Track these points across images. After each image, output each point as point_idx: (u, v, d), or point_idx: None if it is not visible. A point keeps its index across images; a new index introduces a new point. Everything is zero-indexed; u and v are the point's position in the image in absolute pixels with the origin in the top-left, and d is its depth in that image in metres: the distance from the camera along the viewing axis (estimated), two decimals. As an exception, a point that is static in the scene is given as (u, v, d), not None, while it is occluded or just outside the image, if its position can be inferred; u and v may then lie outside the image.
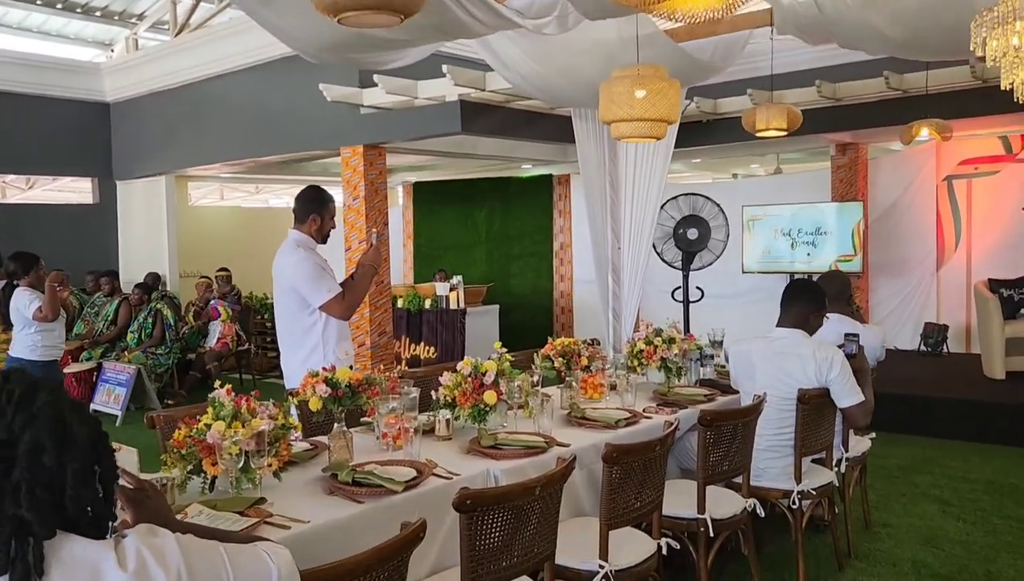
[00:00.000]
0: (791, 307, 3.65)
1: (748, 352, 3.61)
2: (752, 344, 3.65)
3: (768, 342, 3.60)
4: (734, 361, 3.72)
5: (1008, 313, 6.94)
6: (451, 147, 8.18)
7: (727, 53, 5.55)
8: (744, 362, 3.63)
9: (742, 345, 3.69)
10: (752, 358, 3.57)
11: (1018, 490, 4.95)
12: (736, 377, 3.75)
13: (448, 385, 3.27)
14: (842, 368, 3.45)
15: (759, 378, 3.52)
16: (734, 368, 3.74)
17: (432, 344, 8.61)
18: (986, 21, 3.36)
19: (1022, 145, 8.31)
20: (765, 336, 3.63)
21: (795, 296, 3.70)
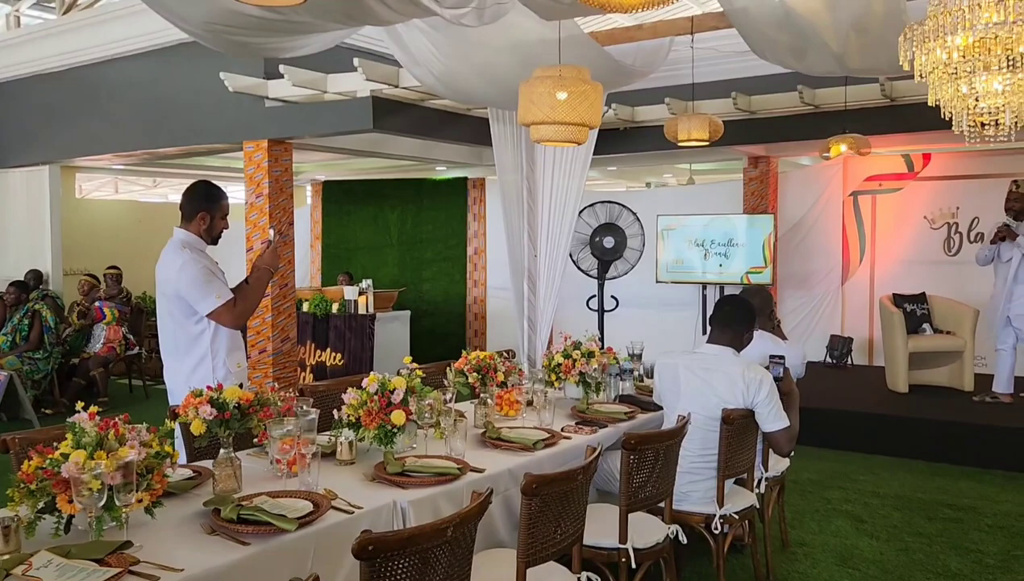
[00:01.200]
0: (728, 325, 3.50)
1: (675, 366, 3.46)
2: (680, 358, 3.49)
3: (696, 357, 3.46)
4: (660, 375, 3.55)
5: (911, 328, 7.08)
6: (363, 145, 7.84)
7: (650, 59, 5.43)
8: (670, 376, 3.47)
9: (669, 358, 3.54)
10: (679, 373, 3.42)
11: (926, 505, 4.98)
12: (661, 392, 3.58)
13: (352, 404, 2.98)
14: (770, 391, 3.32)
15: (684, 394, 3.37)
16: (660, 382, 3.57)
17: (339, 351, 8.23)
18: (915, 36, 3.31)
19: (923, 164, 8.55)
20: (693, 351, 3.49)
21: (731, 313, 3.56)
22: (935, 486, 5.38)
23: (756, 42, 4.25)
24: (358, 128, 6.42)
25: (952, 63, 3.26)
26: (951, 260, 8.27)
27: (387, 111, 6.38)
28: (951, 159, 8.42)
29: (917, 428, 6.16)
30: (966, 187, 8.26)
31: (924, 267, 8.33)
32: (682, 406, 3.30)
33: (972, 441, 5.91)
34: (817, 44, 4.04)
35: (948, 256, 8.33)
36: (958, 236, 8.31)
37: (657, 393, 3.64)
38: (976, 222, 8.15)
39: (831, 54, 4.18)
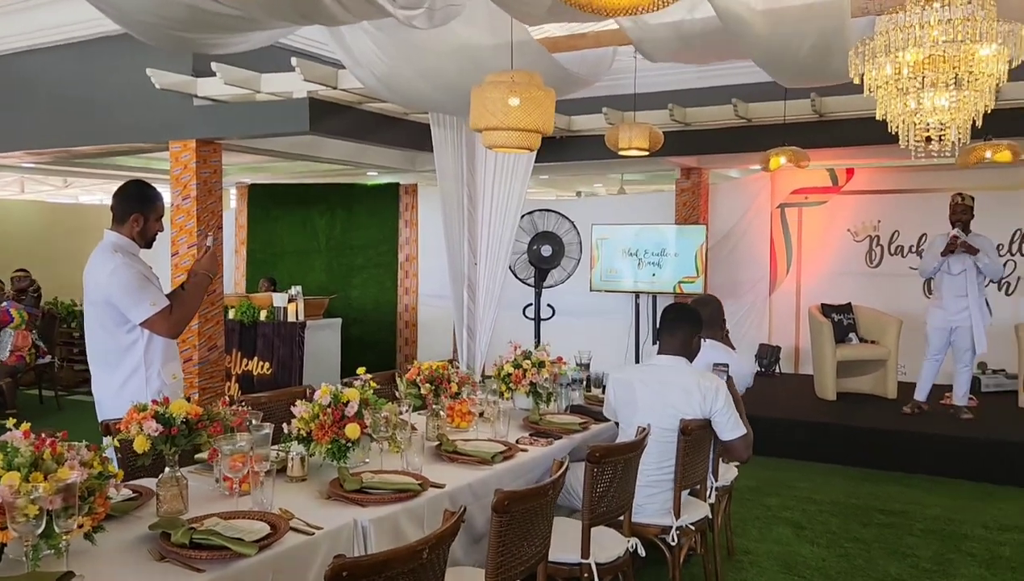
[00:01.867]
0: (676, 332, 3.48)
1: (630, 381, 3.41)
2: (634, 373, 3.47)
3: (651, 370, 3.43)
4: (615, 389, 3.49)
5: (838, 337, 7.29)
6: (294, 148, 7.61)
7: (595, 68, 5.43)
8: (626, 391, 3.43)
9: (624, 373, 3.50)
10: (635, 387, 3.37)
11: (860, 510, 5.10)
12: (616, 407, 3.51)
13: (303, 417, 2.83)
14: (727, 399, 3.33)
15: (641, 408, 3.34)
16: (615, 397, 3.50)
17: (267, 360, 7.96)
18: (864, 51, 3.37)
19: (847, 178, 8.84)
20: (647, 363, 3.45)
21: (679, 321, 3.53)
22: (866, 491, 5.52)
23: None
24: (294, 130, 6.21)
25: (901, 79, 3.33)
26: (873, 271, 8.56)
27: (324, 113, 6.19)
28: (873, 174, 8.72)
29: (847, 435, 6.32)
30: (887, 201, 8.56)
31: (848, 278, 8.59)
32: (639, 419, 3.26)
33: (898, 447, 6.10)
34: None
35: (870, 268, 8.61)
36: (879, 249, 8.60)
37: (611, 408, 3.56)
38: (896, 235, 8.46)
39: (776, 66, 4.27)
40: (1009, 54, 3.19)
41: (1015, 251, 7.99)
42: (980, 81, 3.25)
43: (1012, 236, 7.99)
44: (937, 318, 6.49)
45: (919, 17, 3.14)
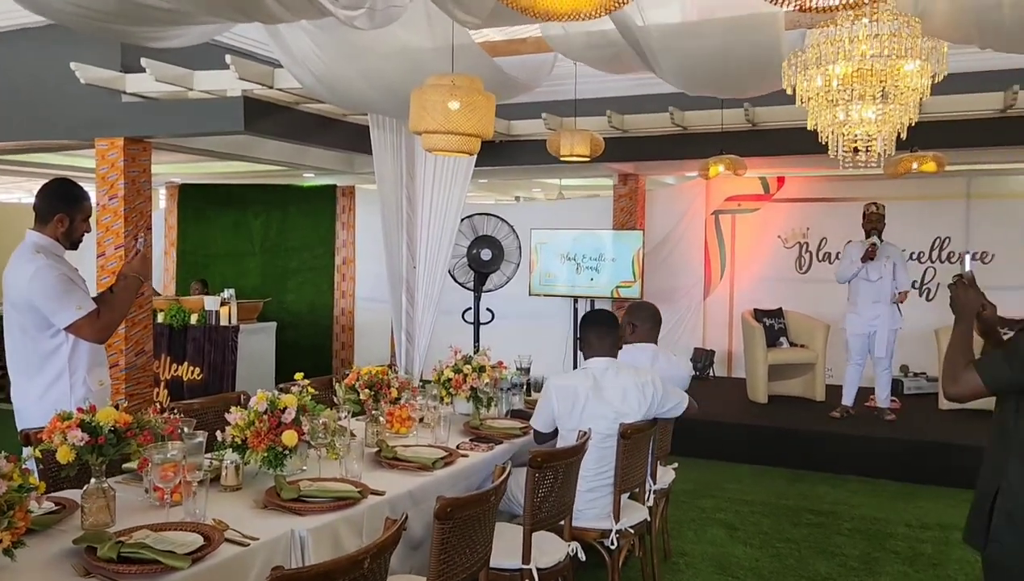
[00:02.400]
0: (606, 337, 3.51)
1: (573, 387, 3.37)
2: (574, 379, 3.43)
3: (589, 375, 3.41)
4: (559, 397, 3.39)
5: (770, 341, 7.46)
6: (229, 148, 7.43)
7: (535, 74, 5.45)
8: (569, 398, 3.36)
9: (563, 379, 3.45)
10: (578, 393, 3.35)
11: (791, 511, 5.22)
12: (559, 415, 3.41)
13: (238, 424, 2.76)
14: (663, 384, 3.45)
15: (585, 414, 3.32)
16: (558, 405, 3.39)
17: (197, 365, 7.75)
18: (796, 63, 3.46)
19: (778, 186, 9.07)
20: (586, 369, 3.44)
21: (604, 325, 3.55)
22: (797, 492, 5.66)
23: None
24: (228, 129, 6.07)
25: (831, 91, 3.43)
26: (803, 277, 8.80)
27: (259, 113, 6.07)
28: (803, 183, 8.97)
29: (778, 437, 6.48)
30: (816, 209, 8.82)
31: (778, 284, 8.82)
32: (583, 426, 3.26)
33: (827, 449, 6.28)
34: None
35: (800, 274, 8.85)
36: (808, 255, 8.85)
37: (554, 415, 3.43)
38: (824, 242, 8.71)
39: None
40: (932, 70, 3.32)
41: (935, 258, 8.31)
42: (905, 95, 3.37)
43: (932, 243, 8.31)
44: (855, 324, 6.70)
45: (849, 31, 3.24)
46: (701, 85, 4.96)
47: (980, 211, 8.15)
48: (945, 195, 8.21)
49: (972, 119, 6.36)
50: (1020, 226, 7.87)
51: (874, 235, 6.55)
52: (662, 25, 3.88)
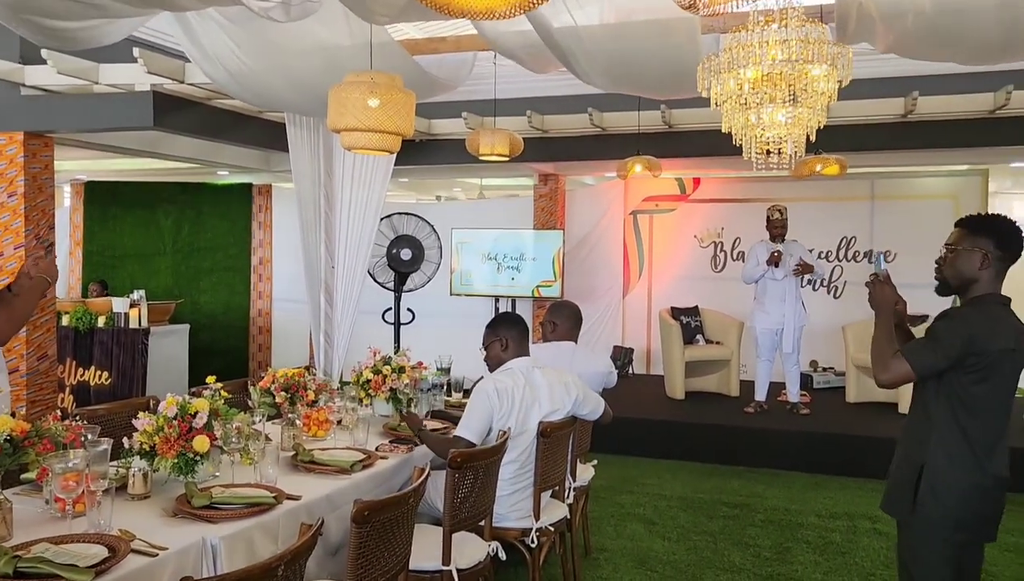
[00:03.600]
0: (522, 337, 3.50)
1: (511, 389, 3.29)
2: (510, 380, 3.35)
3: (522, 374, 3.39)
4: (500, 399, 3.27)
5: (687, 339, 7.63)
6: (138, 144, 7.17)
7: (455, 73, 5.43)
8: (508, 400, 3.28)
9: (502, 381, 3.33)
10: (514, 395, 3.29)
11: (707, 504, 5.35)
12: (497, 418, 3.27)
13: (147, 430, 2.65)
14: (582, 385, 3.49)
15: (525, 413, 3.30)
16: (499, 407, 3.27)
17: (105, 369, 7.44)
18: (711, 66, 3.55)
19: (694, 187, 9.28)
20: (509, 369, 3.41)
21: (517, 325, 3.52)
22: (712, 486, 5.80)
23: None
24: (136, 125, 5.85)
25: (743, 94, 3.53)
26: (718, 276, 9.03)
27: (170, 108, 5.87)
28: (718, 184, 9.20)
29: (695, 433, 6.63)
30: (730, 210, 9.06)
31: (695, 282, 9.03)
32: (520, 426, 3.26)
33: (741, 443, 6.45)
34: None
35: (715, 272, 9.08)
36: (723, 254, 9.09)
37: (490, 421, 3.28)
38: (738, 242, 8.96)
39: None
40: (839, 74, 3.45)
41: (842, 257, 8.65)
42: (813, 99, 3.50)
43: (839, 243, 8.65)
44: (763, 321, 6.91)
45: (760, 36, 3.33)
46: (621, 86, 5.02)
47: (883, 212, 8.52)
48: (851, 197, 8.55)
49: (875, 123, 6.65)
50: (921, 226, 8.25)
51: (778, 241, 6.77)
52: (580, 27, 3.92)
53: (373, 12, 3.35)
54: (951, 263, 2.58)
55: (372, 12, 3.37)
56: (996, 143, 6.53)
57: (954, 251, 2.56)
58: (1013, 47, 3.81)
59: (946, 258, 2.60)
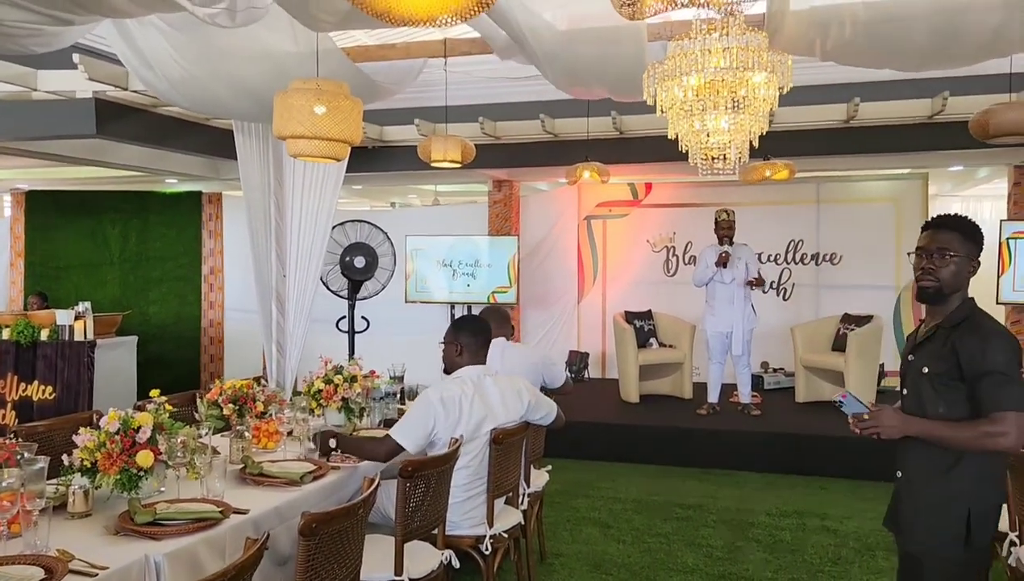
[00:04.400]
0: (480, 346, 3.47)
1: (458, 398, 3.26)
2: (457, 389, 3.30)
3: (471, 382, 3.36)
4: (446, 410, 3.22)
5: (640, 342, 7.70)
6: (80, 152, 7.01)
7: (401, 78, 5.42)
8: (455, 409, 3.23)
9: (449, 390, 3.29)
10: (463, 404, 3.25)
11: (661, 506, 5.40)
12: (440, 429, 3.22)
13: (88, 446, 2.59)
14: (534, 390, 3.49)
15: (474, 421, 3.26)
16: (444, 418, 3.21)
17: (49, 383, 7.24)
18: (656, 73, 3.59)
19: (646, 192, 9.38)
20: (459, 377, 3.39)
21: (477, 334, 3.49)
22: (666, 488, 5.86)
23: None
24: (78, 132, 5.73)
25: (687, 101, 3.58)
26: (670, 280, 9.13)
27: (113, 115, 5.76)
28: (669, 189, 9.31)
29: (649, 435, 6.69)
30: (681, 214, 9.17)
31: (648, 286, 9.12)
32: (466, 434, 3.23)
33: (694, 445, 6.53)
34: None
35: (667, 276, 9.19)
36: (675, 258, 9.20)
37: (429, 432, 3.21)
38: (690, 246, 9.07)
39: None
40: (779, 81, 3.52)
41: (791, 260, 8.82)
42: (755, 105, 3.56)
43: (788, 245, 8.81)
44: (713, 324, 7.01)
45: (702, 44, 3.39)
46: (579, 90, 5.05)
47: (829, 215, 8.70)
48: (798, 200, 8.72)
49: (819, 129, 6.80)
50: (865, 229, 8.46)
51: (726, 242, 6.87)
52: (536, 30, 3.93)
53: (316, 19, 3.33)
54: (953, 270, 2.34)
55: (315, 19, 3.35)
56: (934, 147, 6.72)
57: (954, 257, 2.34)
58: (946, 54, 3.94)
59: (942, 264, 2.35)
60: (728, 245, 6.86)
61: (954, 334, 2.31)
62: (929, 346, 2.39)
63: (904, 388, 2.48)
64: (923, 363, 2.38)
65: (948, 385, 2.30)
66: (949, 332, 2.33)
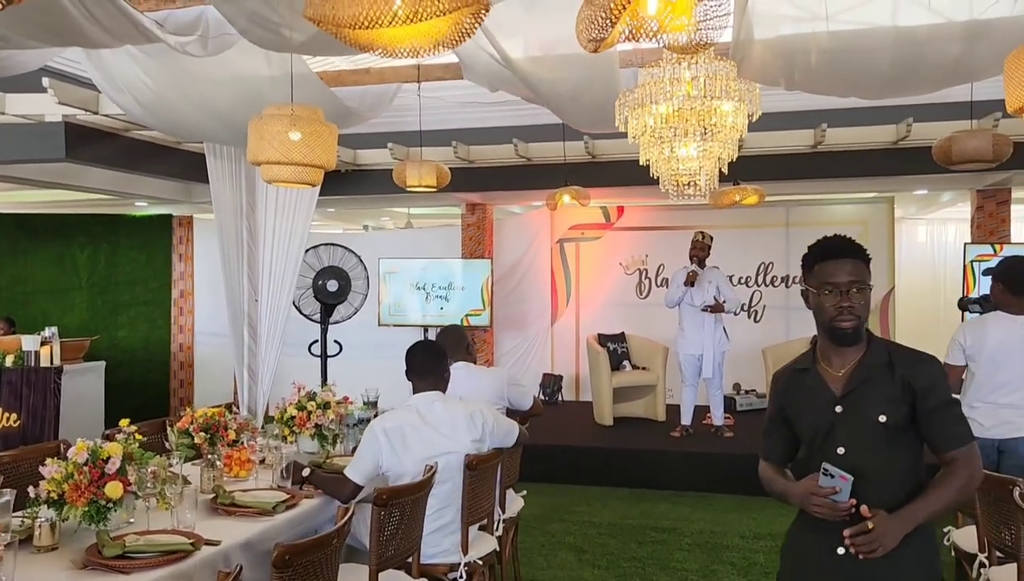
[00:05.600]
0: (429, 371, 3.39)
1: (400, 427, 3.17)
2: (399, 418, 3.22)
3: (414, 412, 3.27)
4: (390, 439, 3.13)
5: (614, 365, 7.73)
6: (48, 176, 6.92)
7: (375, 103, 5.44)
8: (398, 438, 3.15)
9: (392, 420, 3.21)
10: (405, 433, 3.16)
11: (635, 530, 5.40)
12: (387, 459, 3.13)
13: (55, 478, 2.55)
14: (493, 414, 3.48)
15: (416, 452, 3.16)
16: (387, 449, 3.12)
17: (14, 410, 7.08)
18: (628, 101, 3.65)
19: (618, 215, 9.46)
20: (408, 405, 3.31)
21: (428, 359, 3.43)
22: (640, 511, 5.86)
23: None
24: (47, 157, 5.67)
25: (658, 128, 3.63)
26: (643, 302, 9.19)
27: (83, 139, 5.71)
28: (641, 212, 9.40)
29: (623, 458, 6.70)
30: (653, 237, 9.25)
31: (621, 309, 9.17)
32: (412, 466, 3.14)
33: (668, 467, 6.55)
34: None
35: (640, 299, 9.25)
36: (648, 281, 9.27)
37: (377, 463, 3.13)
38: (662, 268, 9.14)
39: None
40: (748, 109, 3.58)
41: (761, 282, 8.92)
42: (724, 133, 3.62)
43: (758, 268, 8.92)
44: (684, 346, 7.05)
45: (671, 73, 3.45)
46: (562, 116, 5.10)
47: (799, 238, 8.81)
48: (768, 224, 8.85)
49: (788, 154, 6.92)
50: (833, 252, 8.58)
51: (694, 262, 6.92)
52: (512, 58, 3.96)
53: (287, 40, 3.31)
54: (866, 303, 2.07)
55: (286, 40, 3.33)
56: (900, 172, 6.87)
57: (865, 288, 2.06)
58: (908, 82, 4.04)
59: (860, 298, 2.05)
60: (698, 266, 6.91)
61: (897, 369, 2.04)
62: (869, 390, 2.05)
63: (838, 446, 2.06)
64: (875, 412, 2.03)
65: (906, 430, 2.04)
66: (887, 368, 2.05)
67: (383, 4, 1.71)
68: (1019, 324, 3.82)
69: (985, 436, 3.76)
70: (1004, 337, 3.83)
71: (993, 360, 3.84)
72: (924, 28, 3.58)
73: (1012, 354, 3.81)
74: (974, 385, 3.90)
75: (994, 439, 3.80)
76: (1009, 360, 3.81)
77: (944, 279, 9.72)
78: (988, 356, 3.85)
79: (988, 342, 3.85)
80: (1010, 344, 3.82)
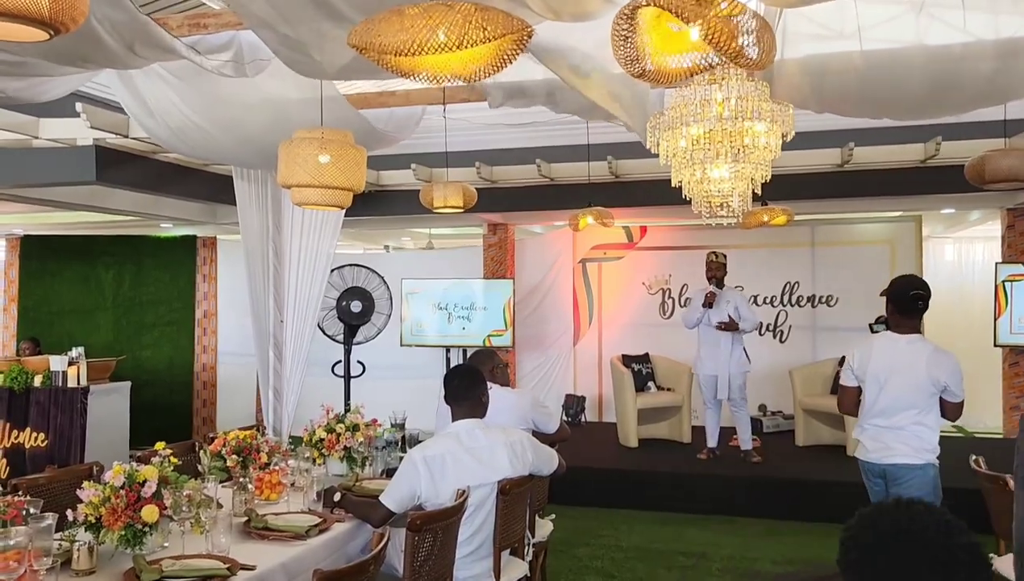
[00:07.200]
0: (466, 397, 3.34)
1: (440, 457, 3.13)
2: (440, 446, 3.20)
3: (454, 440, 3.24)
4: (430, 469, 3.09)
5: (638, 386, 7.67)
6: (77, 198, 7.01)
7: (403, 125, 5.46)
8: (439, 467, 3.10)
9: (432, 449, 3.18)
10: (446, 462, 3.12)
11: (663, 554, 5.33)
12: (426, 487, 3.08)
13: (92, 501, 2.55)
14: (531, 441, 3.44)
15: (456, 480, 3.12)
16: (427, 477, 3.07)
17: (42, 430, 7.14)
18: (659, 123, 3.63)
19: (641, 235, 9.44)
20: (447, 433, 3.28)
21: (466, 384, 3.38)
22: (668, 535, 5.79)
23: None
24: (78, 179, 5.74)
25: (689, 150, 3.61)
26: (666, 322, 9.13)
27: (113, 162, 5.77)
28: (664, 232, 9.37)
29: (649, 480, 6.63)
30: (677, 257, 9.21)
31: (644, 329, 9.11)
32: (455, 494, 3.09)
33: (695, 490, 6.47)
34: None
35: (663, 319, 9.19)
36: (671, 301, 9.22)
37: (414, 492, 3.08)
38: (685, 288, 9.09)
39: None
40: (781, 130, 3.56)
41: (786, 302, 8.85)
42: (757, 153, 3.60)
43: (783, 288, 8.85)
44: (701, 367, 6.98)
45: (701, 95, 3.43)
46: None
47: (824, 257, 8.76)
48: (793, 243, 8.79)
49: (814, 173, 6.88)
50: (859, 270, 8.50)
51: (712, 283, 6.86)
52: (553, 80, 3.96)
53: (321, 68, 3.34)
54: None
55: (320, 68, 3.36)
56: (927, 191, 6.80)
57: None
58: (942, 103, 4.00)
59: None
60: (716, 286, 6.85)
61: None
62: None
63: None
64: None
65: None
66: None
67: (429, 32, 1.71)
68: (903, 344, 3.68)
69: (869, 460, 3.72)
70: (888, 359, 3.70)
71: (877, 381, 3.71)
72: (956, 46, 3.55)
73: (892, 376, 3.67)
74: (862, 407, 3.79)
75: (877, 463, 3.70)
76: (889, 383, 3.67)
77: (972, 298, 9.60)
78: (872, 377, 3.72)
79: (872, 364, 3.73)
80: (893, 366, 3.68)
